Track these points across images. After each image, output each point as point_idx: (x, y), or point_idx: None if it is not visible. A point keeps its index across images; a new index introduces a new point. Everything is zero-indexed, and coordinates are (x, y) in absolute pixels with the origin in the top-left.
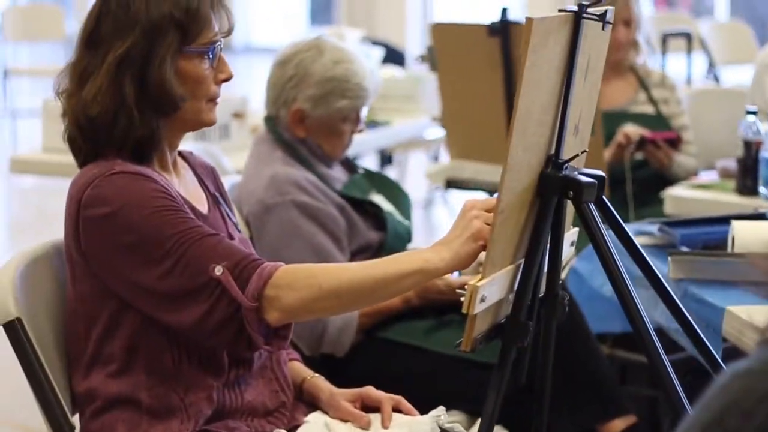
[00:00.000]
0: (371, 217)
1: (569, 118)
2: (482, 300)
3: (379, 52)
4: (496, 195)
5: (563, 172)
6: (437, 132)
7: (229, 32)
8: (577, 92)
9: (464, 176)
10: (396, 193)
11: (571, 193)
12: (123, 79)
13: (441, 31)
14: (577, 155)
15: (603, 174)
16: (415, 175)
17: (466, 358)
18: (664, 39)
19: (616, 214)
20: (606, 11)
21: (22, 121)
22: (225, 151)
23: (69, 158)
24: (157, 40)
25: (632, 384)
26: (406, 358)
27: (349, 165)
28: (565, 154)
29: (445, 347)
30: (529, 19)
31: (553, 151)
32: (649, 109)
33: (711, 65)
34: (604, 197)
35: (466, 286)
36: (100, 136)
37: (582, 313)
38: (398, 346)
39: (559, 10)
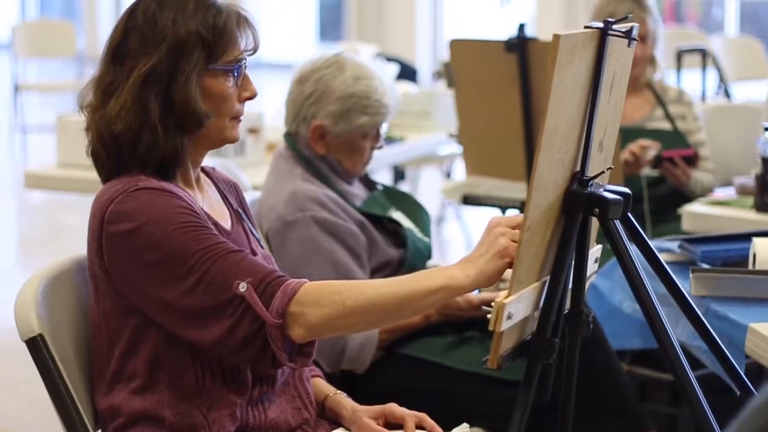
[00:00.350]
0: (391, 234)
1: (594, 134)
2: (509, 317)
3: (393, 68)
4: (509, 211)
5: (589, 189)
6: (450, 148)
7: (255, 50)
8: (601, 108)
9: (480, 192)
10: (415, 209)
11: (597, 210)
12: (148, 96)
13: (458, 47)
14: (603, 172)
15: (628, 191)
16: (427, 190)
17: (486, 375)
18: (679, 55)
19: (641, 231)
20: (632, 28)
21: (31, 136)
22: (240, 166)
23: (84, 174)
24: (183, 57)
25: (651, 401)
26: (425, 374)
27: (368, 182)
28: (591, 171)
29: (465, 364)
30: (556, 36)
31: (578, 167)
32: (665, 126)
33: (722, 81)
34: (629, 214)
35: (492, 304)
36: (124, 152)
37: (602, 330)
38: (418, 362)
39: (585, 27)
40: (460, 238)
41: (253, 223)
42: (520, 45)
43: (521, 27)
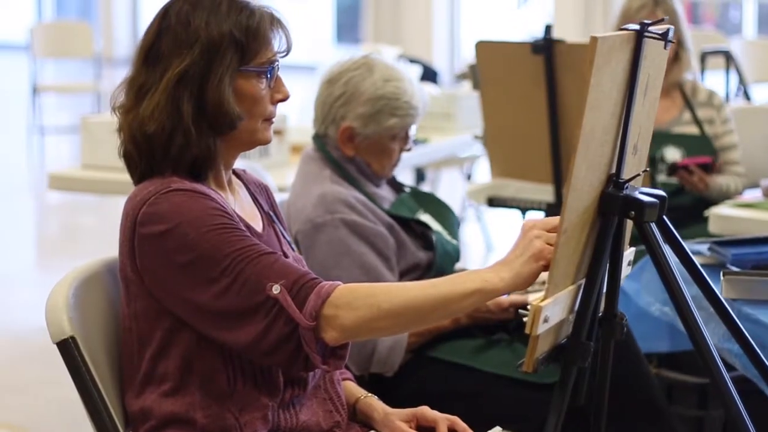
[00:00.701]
0: (419, 237)
1: (629, 137)
2: (545, 320)
3: (417, 70)
4: (529, 212)
5: (624, 192)
6: (472, 150)
7: (288, 52)
8: (636, 111)
9: (506, 194)
10: (443, 211)
11: (633, 213)
12: (181, 97)
13: (484, 49)
14: (638, 175)
15: (664, 193)
16: (447, 192)
17: (515, 377)
18: (703, 57)
19: (675, 234)
20: (668, 30)
21: (49, 137)
22: (265, 168)
23: (108, 175)
24: (216, 59)
25: (678, 404)
26: (454, 377)
27: (396, 184)
28: (626, 174)
29: (495, 367)
30: (593, 38)
31: (613, 170)
32: (693, 130)
33: (741, 83)
34: (664, 217)
35: (528, 307)
36: (157, 153)
37: (632, 333)
38: (447, 365)
39: (620, 28)
40: (480, 240)
41: (284, 226)
42: (547, 46)
43: (547, 28)
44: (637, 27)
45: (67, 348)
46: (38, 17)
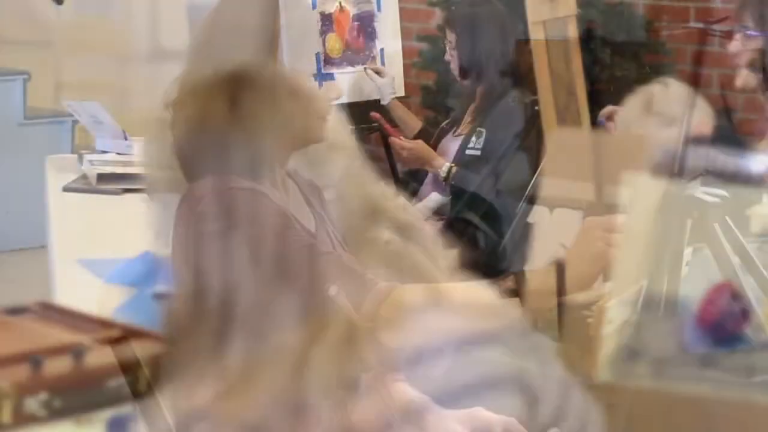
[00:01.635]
0: (464, 235)
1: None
2: (610, 321)
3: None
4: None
5: (686, 192)
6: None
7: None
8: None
9: (544, 193)
10: (487, 210)
11: (696, 213)
12: (236, 95)
13: (523, 47)
14: (701, 174)
15: (725, 192)
16: None
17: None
18: None
19: (738, 233)
20: (732, 29)
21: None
22: (299, 167)
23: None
24: (270, 55)
25: None
26: None
27: (438, 182)
28: (687, 173)
29: None
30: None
31: (676, 170)
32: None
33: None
34: (726, 217)
35: (593, 308)
36: (211, 151)
37: None
38: None
39: (683, 27)
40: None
41: (334, 226)
42: (587, 42)
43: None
44: (700, 25)
45: (120, 347)
46: (58, 14)
